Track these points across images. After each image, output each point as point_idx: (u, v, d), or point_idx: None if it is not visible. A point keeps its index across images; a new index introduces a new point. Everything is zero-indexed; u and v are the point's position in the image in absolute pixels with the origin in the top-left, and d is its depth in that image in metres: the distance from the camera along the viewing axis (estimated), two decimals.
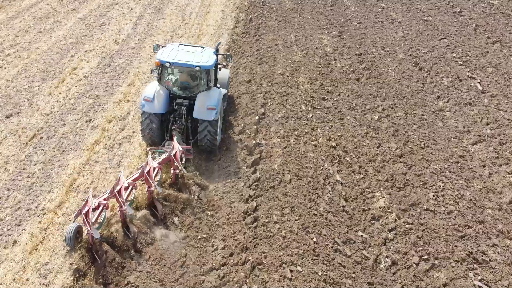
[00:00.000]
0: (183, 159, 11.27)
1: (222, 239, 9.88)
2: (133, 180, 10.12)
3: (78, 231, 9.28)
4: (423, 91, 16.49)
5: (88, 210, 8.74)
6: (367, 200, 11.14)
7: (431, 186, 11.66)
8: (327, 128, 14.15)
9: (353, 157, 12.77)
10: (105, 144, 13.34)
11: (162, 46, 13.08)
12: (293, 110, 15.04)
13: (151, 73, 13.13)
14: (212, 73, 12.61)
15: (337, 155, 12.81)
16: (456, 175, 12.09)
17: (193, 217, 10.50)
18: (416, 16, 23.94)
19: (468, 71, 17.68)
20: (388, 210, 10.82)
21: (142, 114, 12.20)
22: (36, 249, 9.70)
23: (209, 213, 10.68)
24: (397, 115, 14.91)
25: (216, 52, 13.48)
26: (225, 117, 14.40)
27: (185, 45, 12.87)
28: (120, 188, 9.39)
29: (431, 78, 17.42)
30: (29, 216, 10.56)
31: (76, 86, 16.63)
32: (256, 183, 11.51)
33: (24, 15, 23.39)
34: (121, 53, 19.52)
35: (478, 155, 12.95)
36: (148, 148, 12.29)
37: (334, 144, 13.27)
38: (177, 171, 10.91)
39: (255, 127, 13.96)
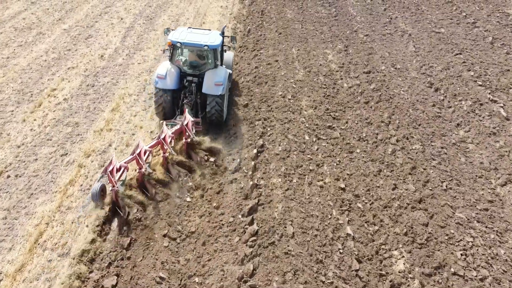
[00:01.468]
0: (194, 130, 12.22)
1: None
2: (150, 147, 11.12)
3: (102, 189, 10.25)
4: (440, 118, 14.79)
5: (112, 169, 9.90)
6: (384, 262, 9.44)
7: (458, 241, 9.96)
8: (335, 164, 12.46)
9: (366, 202, 11.07)
10: (81, 185, 11.63)
11: (172, 30, 14.13)
12: (295, 141, 13.35)
13: (163, 53, 14.67)
14: (219, 53, 13.69)
15: (347, 199, 11.11)
16: (487, 227, 10.39)
17: (177, 285, 8.83)
18: (427, 28, 22.24)
19: (489, 93, 15.99)
20: (410, 275, 9.12)
21: (156, 90, 13.22)
22: None
23: (196, 279, 8.99)
24: (413, 147, 13.21)
25: (222, 34, 14.26)
26: (231, 95, 15.43)
27: (193, 28, 14.13)
28: (140, 152, 10.62)
29: (449, 101, 15.73)
30: None
31: (54, 111, 14.93)
32: (253, 238, 9.80)
33: (6, 26, 21.72)
34: (106, 70, 17.81)
35: (510, 199, 11.25)
36: (161, 121, 13.27)
37: (343, 185, 11.57)
38: (189, 140, 11.97)
39: (252, 163, 12.27)
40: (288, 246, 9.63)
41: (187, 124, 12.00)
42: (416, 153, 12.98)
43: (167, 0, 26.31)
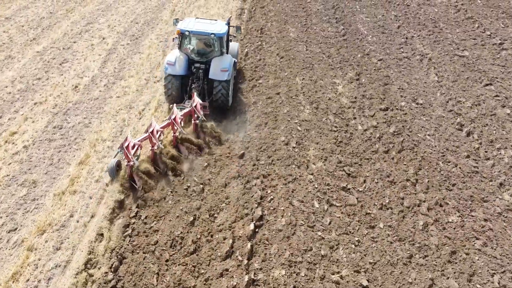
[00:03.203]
0: (201, 113, 12.82)
1: None
2: (161, 127, 11.98)
3: (118, 164, 11.30)
4: (478, 174, 12.20)
5: (128, 145, 10.55)
6: None
7: None
8: (353, 246, 9.86)
9: None
10: (27, 280, 9.03)
11: (180, 20, 15.02)
12: (302, 210, 10.75)
13: (173, 41, 16.47)
14: (224, 41, 14.49)
15: None
16: None
17: None
18: (448, 50, 19.64)
19: None
20: None
21: (167, 79, 14.03)
22: None
23: None
24: (450, 220, 10.61)
25: (228, 24, 15.04)
26: (236, 83, 16.22)
27: (200, 18, 14.97)
28: (153, 130, 11.34)
29: (485, 150, 13.13)
30: None
31: (9, 164, 12.33)
32: None
33: None
34: (79, 106, 15.20)
35: None
36: (170, 105, 14.13)
37: (365, 281, 8.96)
38: (197, 121, 12.89)
39: (249, 245, 9.67)
40: None
41: (196, 106, 12.69)
42: (454, 228, 10.38)
43: (156, 16, 23.68)
